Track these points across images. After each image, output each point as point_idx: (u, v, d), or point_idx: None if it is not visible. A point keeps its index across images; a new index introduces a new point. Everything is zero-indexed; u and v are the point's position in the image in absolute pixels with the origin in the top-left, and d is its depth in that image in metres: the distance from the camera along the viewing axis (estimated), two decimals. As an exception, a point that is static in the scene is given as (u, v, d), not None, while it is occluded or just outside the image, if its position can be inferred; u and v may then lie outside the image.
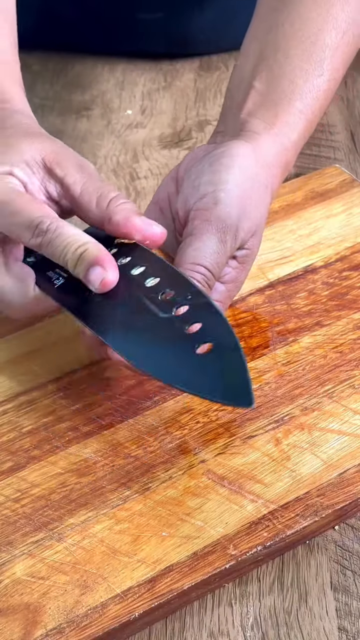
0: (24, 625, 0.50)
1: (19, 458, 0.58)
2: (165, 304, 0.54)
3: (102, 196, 0.57)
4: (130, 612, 0.51)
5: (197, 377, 0.51)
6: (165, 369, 0.52)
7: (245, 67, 0.65)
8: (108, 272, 0.54)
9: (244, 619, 0.53)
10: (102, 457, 0.58)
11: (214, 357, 0.51)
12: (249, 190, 0.59)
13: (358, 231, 0.73)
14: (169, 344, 0.53)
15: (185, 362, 0.52)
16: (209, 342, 0.52)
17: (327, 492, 0.55)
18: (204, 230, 0.58)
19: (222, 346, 0.51)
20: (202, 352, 0.51)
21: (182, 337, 0.52)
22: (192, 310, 0.53)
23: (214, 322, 0.53)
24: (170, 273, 0.55)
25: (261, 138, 0.61)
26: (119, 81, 0.98)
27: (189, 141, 0.90)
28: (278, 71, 0.62)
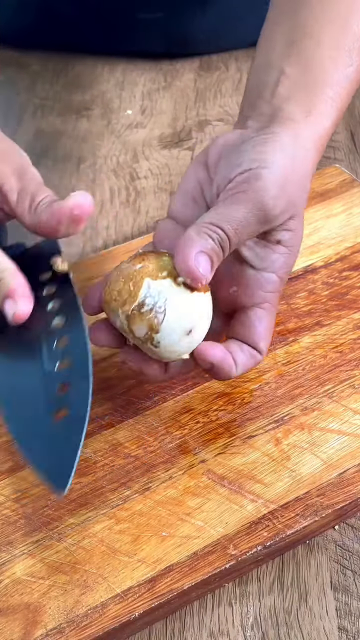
0: (24, 625, 0.50)
1: (19, 458, 0.58)
2: (54, 355, 0.55)
3: (33, 201, 0.57)
4: (130, 612, 0.51)
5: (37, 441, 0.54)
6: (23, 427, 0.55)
7: (273, 49, 0.63)
8: (19, 306, 0.54)
9: (244, 618, 0.53)
10: (102, 457, 0.58)
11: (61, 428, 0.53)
12: (291, 174, 0.57)
13: (358, 231, 0.73)
14: (38, 403, 0.55)
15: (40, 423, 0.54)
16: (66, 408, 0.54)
17: (327, 492, 0.55)
18: (236, 200, 0.56)
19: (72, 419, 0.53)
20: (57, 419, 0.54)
21: (50, 397, 0.54)
22: (71, 367, 0.55)
23: (80, 387, 0.54)
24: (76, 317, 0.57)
25: (299, 126, 0.60)
26: (119, 81, 0.98)
27: (189, 141, 0.90)
28: (309, 57, 0.61)
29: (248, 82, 0.65)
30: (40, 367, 0.55)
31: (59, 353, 0.55)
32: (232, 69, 0.99)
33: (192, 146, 0.89)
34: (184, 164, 0.87)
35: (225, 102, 0.95)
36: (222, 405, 0.61)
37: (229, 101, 0.95)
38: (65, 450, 0.53)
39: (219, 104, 0.94)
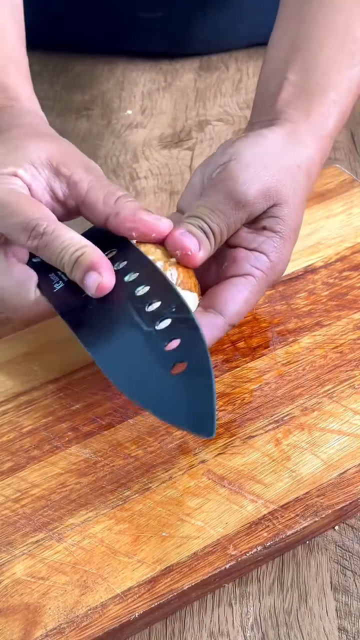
0: (24, 625, 0.50)
1: (19, 458, 0.58)
2: (150, 316, 0.54)
3: (110, 193, 0.57)
4: (130, 612, 0.51)
5: (164, 400, 0.51)
6: (138, 386, 0.53)
7: (278, 58, 0.65)
8: (104, 277, 0.54)
9: (244, 619, 0.53)
10: (102, 457, 0.58)
11: (185, 380, 0.51)
12: (266, 162, 0.59)
13: (358, 231, 0.73)
14: (147, 361, 0.53)
15: (157, 382, 0.52)
16: (183, 361, 0.52)
17: (327, 492, 0.55)
18: (209, 192, 0.59)
19: (194, 369, 0.51)
20: (176, 373, 0.52)
21: (160, 354, 0.53)
22: (174, 324, 0.53)
23: (192, 339, 0.52)
24: (161, 282, 0.55)
25: (297, 126, 0.61)
26: (119, 81, 0.98)
27: (189, 141, 0.90)
28: (312, 62, 0.63)
29: (257, 90, 0.67)
30: (140, 330, 0.54)
31: (154, 315, 0.54)
32: (232, 69, 0.99)
33: (192, 146, 0.89)
34: (184, 164, 0.87)
35: (225, 102, 0.95)
36: (222, 405, 0.61)
37: (229, 101, 0.95)
38: (197, 396, 0.50)
39: (219, 104, 0.94)
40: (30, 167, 0.58)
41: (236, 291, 0.59)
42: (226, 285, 0.59)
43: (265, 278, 0.59)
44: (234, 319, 0.58)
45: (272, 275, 0.60)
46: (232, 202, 0.58)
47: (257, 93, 0.67)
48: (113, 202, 0.57)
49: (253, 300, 0.59)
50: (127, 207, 0.57)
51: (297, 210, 0.60)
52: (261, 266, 0.59)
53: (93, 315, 0.56)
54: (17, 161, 0.57)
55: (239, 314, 0.59)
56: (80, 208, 0.58)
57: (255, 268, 0.59)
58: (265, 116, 0.63)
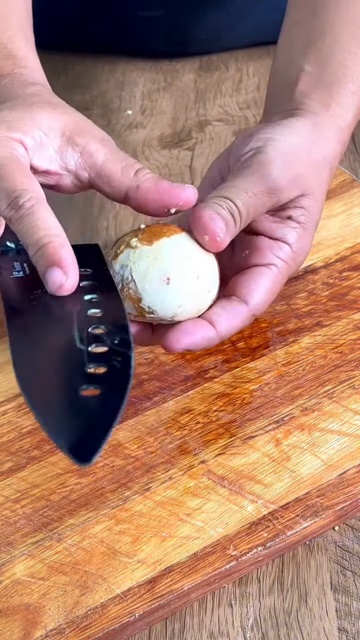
0: (23, 625, 0.50)
1: (19, 458, 0.58)
2: (89, 337, 0.50)
3: (128, 165, 0.56)
4: (130, 612, 0.51)
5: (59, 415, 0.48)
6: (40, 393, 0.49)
7: (292, 50, 0.65)
8: (69, 277, 0.51)
9: (244, 619, 0.53)
10: (102, 457, 0.58)
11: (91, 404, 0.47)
12: (301, 154, 0.58)
13: (358, 231, 0.73)
14: (62, 373, 0.50)
15: (62, 395, 0.49)
16: (98, 388, 0.48)
17: (327, 493, 0.55)
18: (241, 174, 0.57)
19: (105, 399, 0.48)
20: (85, 395, 0.48)
21: (78, 372, 0.49)
22: (108, 354, 0.50)
23: (118, 375, 0.49)
24: (117, 315, 0.52)
25: (319, 118, 0.61)
26: (119, 81, 0.98)
27: (189, 141, 0.90)
28: (327, 54, 0.63)
29: (270, 82, 0.67)
30: (71, 344, 0.50)
31: (93, 337, 0.50)
32: (232, 69, 0.99)
33: (192, 146, 0.89)
34: (184, 164, 0.87)
35: (225, 102, 0.95)
36: (222, 405, 0.61)
37: (229, 101, 0.95)
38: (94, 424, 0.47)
39: (219, 104, 0.94)
40: (40, 134, 0.56)
41: (260, 281, 0.57)
42: (250, 274, 0.58)
43: (287, 268, 0.58)
44: (258, 308, 0.57)
45: (293, 265, 0.59)
46: (266, 186, 0.56)
47: (271, 83, 0.66)
48: (132, 175, 0.55)
49: (276, 291, 0.58)
50: (147, 180, 0.55)
51: (321, 202, 0.60)
52: (284, 256, 0.58)
53: (34, 312, 0.52)
54: (27, 127, 0.56)
55: (263, 304, 0.58)
56: (95, 180, 0.56)
57: (278, 258, 0.58)
58: (283, 106, 0.62)
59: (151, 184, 0.55)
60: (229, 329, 0.56)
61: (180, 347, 0.54)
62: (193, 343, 0.54)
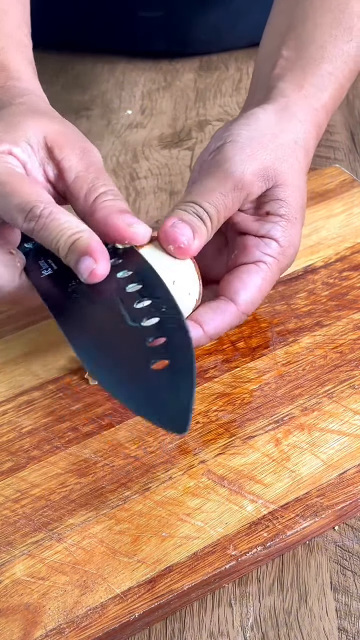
0: (23, 625, 0.50)
1: (19, 458, 0.58)
2: (138, 312, 0.52)
3: (92, 189, 0.55)
4: (130, 612, 0.51)
5: (140, 393, 0.49)
6: (116, 378, 0.51)
7: (273, 40, 0.65)
8: (99, 263, 0.52)
9: (243, 619, 0.53)
10: (102, 457, 0.58)
11: (165, 376, 0.49)
12: (262, 142, 0.58)
13: (358, 231, 0.73)
14: (127, 353, 0.51)
15: (136, 374, 0.50)
16: (166, 358, 0.50)
17: (327, 493, 0.55)
18: (204, 176, 0.57)
19: (176, 367, 0.49)
20: (157, 369, 0.49)
21: (142, 349, 0.50)
22: (161, 323, 0.51)
23: (178, 339, 0.51)
24: (155, 283, 0.54)
25: (289, 100, 0.60)
26: (119, 81, 0.98)
27: (189, 141, 0.90)
28: (307, 39, 0.63)
29: (253, 72, 0.66)
30: (124, 324, 0.52)
31: (141, 312, 0.52)
32: (232, 69, 0.99)
33: (192, 146, 0.89)
34: (184, 164, 0.87)
35: (225, 102, 0.95)
36: (222, 405, 0.61)
37: (229, 101, 0.95)
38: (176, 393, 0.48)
39: (219, 104, 0.95)
40: (26, 145, 0.56)
41: (247, 279, 0.57)
42: (237, 273, 0.57)
43: (277, 264, 0.58)
44: (248, 307, 0.57)
45: (283, 260, 0.58)
46: (229, 184, 0.56)
47: (253, 76, 0.66)
48: (91, 201, 0.55)
49: (266, 288, 0.58)
50: (101, 209, 0.54)
51: (298, 190, 0.59)
52: (272, 252, 0.58)
53: (77, 303, 0.54)
54: (14, 139, 0.56)
55: (252, 302, 0.57)
56: (67, 196, 0.57)
57: (266, 254, 0.58)
58: (258, 94, 0.62)
59: (102, 217, 0.54)
60: (216, 328, 0.56)
61: None
62: None
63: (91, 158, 0.57)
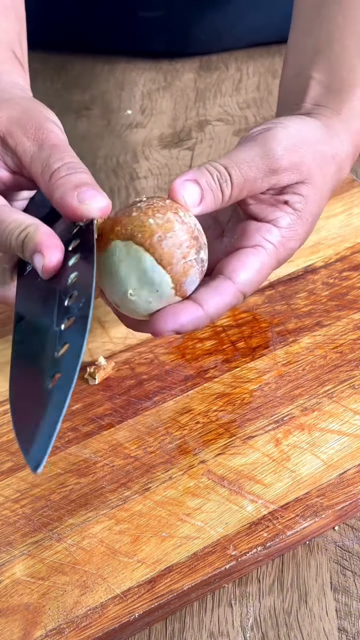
0: (23, 625, 0.50)
1: (19, 458, 0.58)
2: (63, 312, 0.50)
3: (46, 167, 0.52)
4: (130, 612, 0.51)
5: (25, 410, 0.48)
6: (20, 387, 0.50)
7: (300, 61, 0.65)
8: (46, 258, 0.50)
9: (243, 619, 0.53)
10: (102, 458, 0.58)
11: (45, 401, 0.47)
12: (307, 140, 0.58)
13: (358, 231, 0.73)
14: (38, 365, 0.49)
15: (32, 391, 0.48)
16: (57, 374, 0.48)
17: (327, 493, 0.55)
18: (245, 145, 0.56)
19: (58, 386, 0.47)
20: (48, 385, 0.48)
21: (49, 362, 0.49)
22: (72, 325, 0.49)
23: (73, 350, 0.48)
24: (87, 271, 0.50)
25: (330, 121, 0.61)
26: (119, 81, 0.98)
27: (189, 141, 0.90)
28: (336, 62, 0.63)
29: (279, 93, 0.67)
30: (50, 329, 0.50)
31: (65, 310, 0.50)
32: (232, 69, 0.99)
33: (192, 146, 0.89)
34: (184, 164, 0.87)
35: (225, 102, 0.95)
36: (222, 405, 0.61)
37: (229, 101, 0.95)
38: (45, 422, 0.47)
39: (219, 104, 0.95)
40: None
41: (246, 260, 0.56)
42: (236, 254, 0.56)
43: (275, 252, 0.57)
44: (245, 285, 0.55)
45: (282, 251, 0.57)
46: (267, 162, 0.55)
47: (281, 93, 0.66)
48: (47, 180, 0.52)
49: (264, 272, 0.56)
50: (56, 188, 0.51)
51: (322, 196, 0.59)
52: (272, 239, 0.57)
53: (30, 303, 0.53)
54: None
55: (251, 282, 0.56)
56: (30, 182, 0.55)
57: (266, 240, 0.56)
58: (293, 112, 0.63)
59: (58, 198, 0.52)
60: (216, 308, 0.54)
61: (168, 329, 0.52)
62: (180, 325, 0.52)
63: (45, 134, 0.54)
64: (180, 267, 0.52)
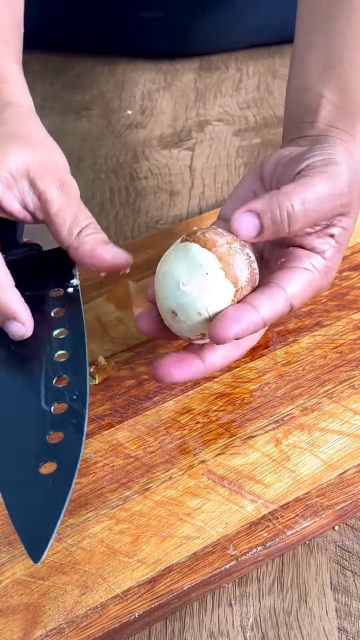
0: (23, 625, 0.50)
1: (18, 458, 0.58)
2: (53, 393, 0.52)
3: (75, 222, 0.58)
4: (130, 612, 0.51)
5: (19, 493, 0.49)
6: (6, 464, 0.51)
7: (309, 75, 0.65)
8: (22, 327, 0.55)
9: (243, 619, 0.53)
10: (102, 457, 0.58)
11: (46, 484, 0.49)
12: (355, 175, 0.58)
13: (358, 231, 0.73)
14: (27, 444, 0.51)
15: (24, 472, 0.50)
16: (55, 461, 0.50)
17: (327, 493, 0.55)
18: (312, 177, 0.56)
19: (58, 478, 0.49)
20: (44, 472, 0.49)
21: (40, 444, 0.50)
22: (67, 414, 0.51)
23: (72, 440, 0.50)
24: (79, 354, 0.54)
25: (349, 145, 0.61)
26: (119, 81, 0.98)
27: (189, 141, 0.90)
28: (347, 81, 0.63)
29: (287, 105, 0.67)
30: (37, 404, 0.52)
31: (57, 393, 0.52)
32: (232, 69, 0.99)
33: (192, 146, 0.89)
34: (184, 164, 0.87)
35: (225, 102, 0.95)
36: (222, 405, 0.61)
37: (229, 101, 0.95)
38: (47, 512, 0.48)
39: (219, 104, 0.95)
40: (7, 175, 0.58)
41: (297, 274, 0.56)
42: (287, 269, 0.56)
43: (320, 279, 0.57)
44: (295, 297, 0.55)
45: (324, 280, 0.58)
46: (333, 195, 0.56)
47: (290, 107, 0.66)
48: (75, 234, 0.58)
49: (309, 292, 0.57)
50: (86, 242, 0.58)
51: (354, 224, 0.60)
52: (319, 266, 0.57)
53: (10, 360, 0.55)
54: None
55: (300, 296, 0.56)
56: (49, 227, 0.59)
57: (312, 265, 0.57)
58: (306, 132, 0.63)
59: (87, 250, 0.58)
60: (271, 312, 0.54)
61: (231, 335, 0.52)
62: (241, 329, 0.52)
63: (71, 191, 0.59)
64: (224, 249, 0.53)
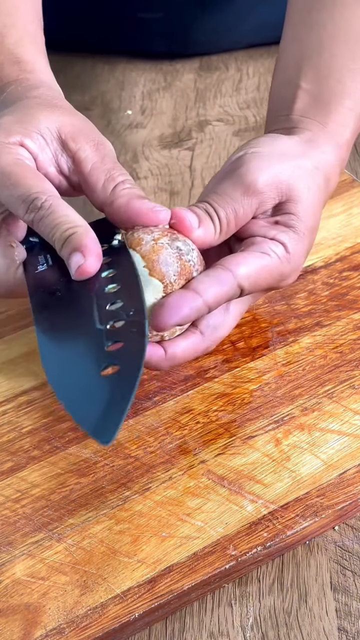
0: (23, 625, 0.50)
1: (19, 458, 0.58)
2: (107, 314, 0.52)
3: (110, 178, 0.56)
4: (130, 612, 0.51)
5: (80, 396, 0.50)
6: (64, 376, 0.51)
7: (289, 67, 0.65)
8: (87, 260, 0.53)
9: (243, 619, 0.53)
10: (102, 458, 0.58)
11: (109, 384, 0.49)
12: (281, 160, 0.58)
13: (358, 231, 0.73)
14: (85, 356, 0.51)
15: (84, 377, 0.50)
16: (117, 364, 0.50)
17: (327, 493, 0.55)
18: (217, 180, 0.58)
19: (123, 376, 0.49)
20: (105, 374, 0.50)
21: (99, 353, 0.51)
22: (124, 327, 0.52)
23: (134, 346, 0.50)
24: (132, 285, 0.53)
25: (314, 134, 0.61)
26: (119, 81, 0.98)
27: (189, 141, 0.90)
28: (325, 70, 0.63)
29: (269, 100, 0.67)
30: (92, 326, 0.52)
31: (111, 314, 0.52)
32: (232, 69, 0.99)
33: (192, 146, 0.89)
34: (184, 164, 0.87)
35: (225, 102, 0.95)
36: (222, 405, 0.61)
37: (228, 101, 0.95)
38: (113, 402, 0.49)
39: (219, 104, 0.95)
40: (38, 137, 0.57)
41: (250, 257, 0.56)
42: (239, 253, 0.57)
43: (282, 266, 0.57)
44: (244, 279, 0.55)
45: (287, 267, 0.57)
46: (241, 188, 0.57)
47: (271, 102, 0.66)
48: (110, 189, 0.56)
49: (266, 276, 0.56)
50: (122, 196, 0.56)
51: (313, 210, 0.59)
52: (278, 252, 0.57)
53: (56, 302, 0.54)
54: (26, 130, 0.56)
55: (250, 278, 0.55)
56: (83, 187, 0.57)
57: (272, 250, 0.57)
58: (281, 125, 0.63)
59: (123, 203, 0.55)
60: (215, 296, 0.54)
61: (172, 324, 0.53)
62: (182, 317, 0.53)
63: (105, 150, 0.58)
64: (149, 247, 0.54)
